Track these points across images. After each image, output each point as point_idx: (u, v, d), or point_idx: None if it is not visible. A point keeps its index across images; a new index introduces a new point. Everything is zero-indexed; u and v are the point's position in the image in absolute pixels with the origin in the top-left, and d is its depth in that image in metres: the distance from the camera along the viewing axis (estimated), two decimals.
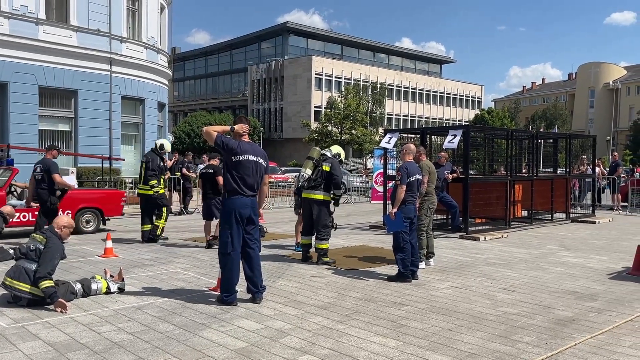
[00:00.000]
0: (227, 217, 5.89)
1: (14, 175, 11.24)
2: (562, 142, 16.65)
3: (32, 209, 10.74)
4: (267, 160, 6.20)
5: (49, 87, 20.33)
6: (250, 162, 5.95)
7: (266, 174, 6.19)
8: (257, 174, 6.00)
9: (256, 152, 6.08)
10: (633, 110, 73.01)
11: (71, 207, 11.34)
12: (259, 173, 6.03)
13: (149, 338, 4.76)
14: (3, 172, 11.69)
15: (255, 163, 5.99)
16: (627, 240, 11.04)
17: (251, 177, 5.94)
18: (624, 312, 5.74)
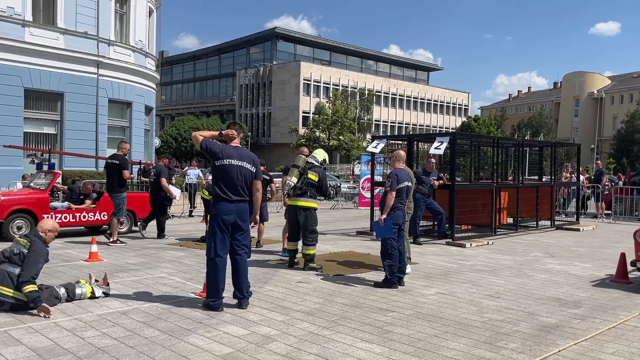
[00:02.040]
0: (212, 222, 5.89)
1: (56, 178, 12.01)
2: (547, 150, 16.83)
3: (72, 211, 11.68)
4: (256, 165, 6.06)
5: (35, 89, 20.15)
6: (233, 167, 5.87)
7: (256, 179, 6.04)
8: (242, 179, 5.91)
9: (242, 156, 5.99)
10: (617, 120, 74.02)
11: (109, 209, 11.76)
12: (244, 177, 5.93)
13: (134, 343, 4.72)
14: (46, 176, 12.50)
15: (239, 167, 5.91)
16: (610, 248, 11.17)
17: (235, 182, 5.86)
18: (607, 319, 5.81)
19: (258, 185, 6.06)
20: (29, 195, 11.39)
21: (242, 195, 5.91)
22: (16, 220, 10.89)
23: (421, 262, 9.08)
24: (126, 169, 10.75)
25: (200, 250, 9.89)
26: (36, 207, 11.08)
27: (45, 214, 10.86)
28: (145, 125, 25.41)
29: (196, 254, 9.60)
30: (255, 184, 6.03)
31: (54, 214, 11.26)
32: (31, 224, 10.86)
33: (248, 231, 6.04)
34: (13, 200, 11.03)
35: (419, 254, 9.85)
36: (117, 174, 10.58)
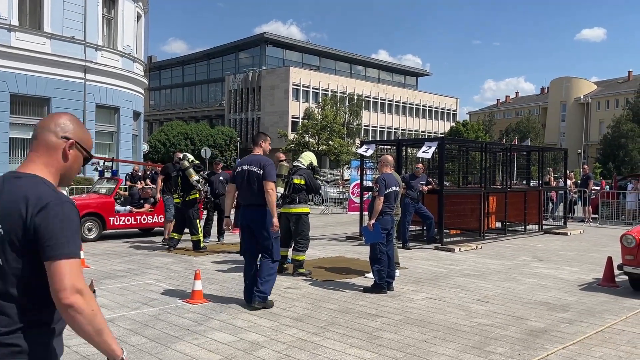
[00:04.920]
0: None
1: (119, 184, 13.23)
2: (534, 155, 16.95)
3: (133, 214, 12.59)
4: (262, 167, 6.10)
5: (21, 94, 19.96)
6: (243, 172, 6.15)
7: (264, 179, 6.06)
8: (250, 183, 6.09)
9: (251, 161, 6.21)
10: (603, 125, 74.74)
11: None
12: (251, 180, 6.08)
13: None
14: (110, 182, 13.73)
15: (247, 172, 6.12)
16: (597, 252, 11.25)
17: (244, 188, 6.13)
18: (595, 322, 5.84)
19: (267, 186, 6.05)
20: (97, 199, 12.46)
21: (252, 201, 6.11)
22: (87, 223, 11.86)
23: (410, 266, 9.09)
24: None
25: (188, 257, 9.83)
26: (103, 210, 12.19)
27: (111, 217, 12.19)
28: (133, 130, 25.26)
29: (184, 260, 9.53)
30: (265, 184, 6.05)
31: (118, 216, 12.39)
32: (99, 225, 12.05)
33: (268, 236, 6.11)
34: (84, 204, 11.99)
35: (408, 258, 9.86)
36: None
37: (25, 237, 1.75)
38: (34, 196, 1.77)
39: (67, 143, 1.91)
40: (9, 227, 1.76)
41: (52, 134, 1.90)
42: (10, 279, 1.77)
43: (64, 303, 1.72)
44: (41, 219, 1.75)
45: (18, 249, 1.76)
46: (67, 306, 1.72)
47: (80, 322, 1.74)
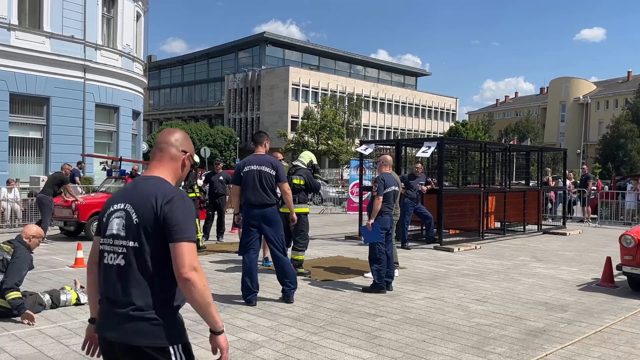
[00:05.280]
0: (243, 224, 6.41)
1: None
2: (534, 155, 16.96)
3: None
4: (276, 168, 6.26)
5: (21, 93, 19.92)
6: (253, 172, 6.20)
7: (279, 181, 6.26)
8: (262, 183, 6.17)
9: (261, 161, 6.26)
10: (602, 125, 74.80)
11: None
12: (264, 181, 6.17)
13: None
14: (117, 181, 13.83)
15: (258, 172, 6.19)
16: (596, 252, 11.26)
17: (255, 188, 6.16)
18: (594, 322, 5.85)
19: (284, 187, 6.32)
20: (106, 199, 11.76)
21: (261, 200, 6.17)
22: (96, 222, 11.27)
23: (409, 266, 9.09)
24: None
25: None
26: None
27: None
28: (133, 130, 25.23)
29: None
30: (281, 186, 6.28)
31: None
32: None
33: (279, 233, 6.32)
34: (94, 203, 12.20)
35: (407, 258, 9.86)
36: None
37: (156, 224, 2.19)
38: (161, 192, 2.23)
39: (185, 155, 2.44)
40: (143, 217, 2.21)
41: (174, 148, 2.41)
42: (145, 259, 2.18)
43: (183, 277, 2.12)
44: (168, 209, 2.19)
45: (150, 234, 2.19)
46: (185, 280, 2.13)
47: (194, 294, 2.15)
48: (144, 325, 2.16)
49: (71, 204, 11.96)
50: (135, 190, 2.30)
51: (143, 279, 2.18)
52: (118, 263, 2.22)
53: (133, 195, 2.28)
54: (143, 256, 2.19)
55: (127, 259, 2.21)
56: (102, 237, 2.31)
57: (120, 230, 2.25)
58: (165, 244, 2.18)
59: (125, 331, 2.16)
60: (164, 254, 2.18)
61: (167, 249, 2.17)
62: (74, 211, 11.93)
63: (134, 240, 2.21)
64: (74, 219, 12.07)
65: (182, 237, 2.16)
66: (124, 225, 2.24)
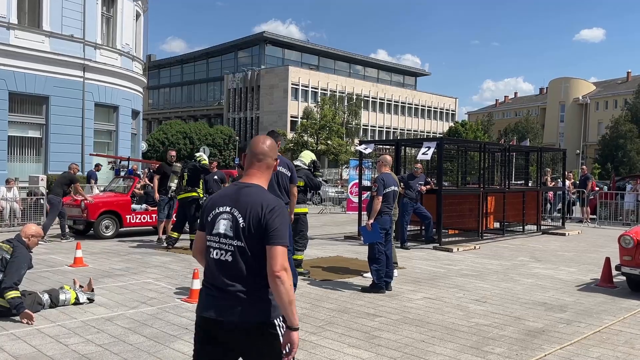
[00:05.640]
0: None
1: (135, 183, 13.27)
2: (533, 155, 16.96)
3: (149, 212, 12.64)
4: (291, 170, 6.40)
5: (20, 92, 19.89)
6: None
7: (291, 183, 6.37)
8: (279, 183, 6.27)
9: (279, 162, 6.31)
10: (602, 125, 74.87)
11: None
12: (281, 181, 6.28)
13: (119, 350, 4.67)
14: (124, 180, 14.00)
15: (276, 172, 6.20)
16: (595, 252, 11.26)
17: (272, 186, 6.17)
18: (593, 323, 5.85)
19: (293, 189, 6.46)
20: (114, 198, 12.73)
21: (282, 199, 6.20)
22: (104, 220, 12.22)
23: (408, 266, 9.09)
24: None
25: (187, 256, 9.82)
26: (121, 208, 12.48)
27: (127, 215, 12.44)
28: (132, 129, 25.21)
29: (182, 259, 9.53)
30: (291, 187, 6.41)
31: (135, 215, 12.64)
32: (116, 223, 12.39)
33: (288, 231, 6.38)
34: (102, 202, 12.36)
35: (406, 258, 9.87)
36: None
37: (259, 229, 2.55)
38: (265, 201, 2.60)
39: (276, 162, 2.81)
40: (249, 221, 2.57)
41: (270, 158, 2.76)
42: (248, 255, 2.57)
43: (274, 275, 2.47)
44: (270, 217, 2.55)
45: (254, 236, 2.56)
46: (276, 277, 2.46)
47: (281, 291, 2.47)
48: (250, 307, 2.54)
49: (80, 203, 12.10)
50: (240, 196, 2.65)
51: (246, 270, 2.57)
52: (226, 259, 2.61)
53: (238, 201, 2.64)
54: (247, 253, 2.57)
55: (234, 255, 2.59)
56: (208, 234, 2.68)
57: (227, 231, 2.61)
58: (262, 245, 2.56)
59: (233, 312, 2.54)
60: (263, 252, 2.55)
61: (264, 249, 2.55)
62: (83, 210, 12.09)
63: (240, 240, 2.58)
64: (83, 218, 12.23)
65: (278, 241, 2.53)
66: (231, 227, 2.61)
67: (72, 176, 12.07)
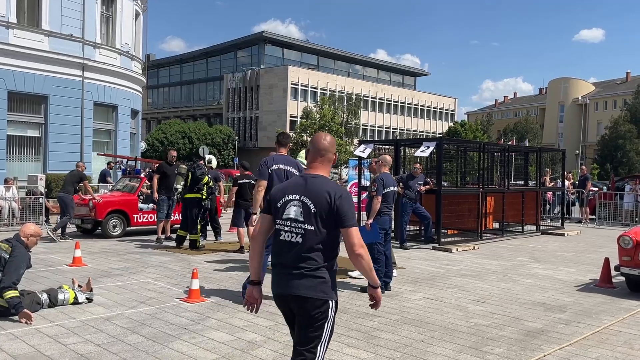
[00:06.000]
0: None
1: (142, 183, 13.20)
2: (532, 156, 16.97)
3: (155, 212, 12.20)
4: (300, 170, 6.47)
5: (19, 92, 19.88)
6: (281, 171, 6.35)
7: None
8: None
9: (287, 161, 6.49)
10: (601, 126, 74.92)
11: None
12: None
13: (117, 350, 4.66)
14: (131, 180, 14.09)
15: (286, 172, 6.37)
16: (594, 253, 11.26)
17: None
18: (592, 323, 5.85)
19: None
20: (122, 197, 12.78)
21: None
22: (112, 220, 12.27)
23: (407, 266, 9.09)
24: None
25: (186, 255, 9.82)
26: (128, 208, 12.52)
27: (135, 214, 12.48)
28: (131, 128, 25.20)
29: (181, 258, 9.52)
30: None
31: (142, 214, 12.68)
32: (124, 223, 12.42)
33: None
34: (110, 202, 12.39)
35: (405, 258, 9.86)
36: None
37: (329, 213, 2.94)
38: (332, 189, 3.00)
39: (335, 156, 3.23)
40: (319, 207, 2.95)
41: (330, 153, 3.19)
42: (318, 238, 2.95)
43: (356, 252, 2.95)
44: (339, 203, 2.95)
45: (324, 220, 2.95)
46: (357, 254, 2.96)
47: (363, 264, 2.99)
48: (314, 282, 2.94)
49: (89, 202, 12.14)
50: (308, 186, 3.03)
51: (314, 251, 2.94)
52: (297, 240, 2.96)
53: (307, 190, 3.01)
54: (315, 235, 2.95)
55: (304, 237, 2.95)
56: (278, 219, 3.03)
57: (298, 216, 2.97)
58: (330, 227, 2.95)
59: (300, 286, 2.93)
60: (328, 234, 2.96)
61: (331, 231, 2.96)
62: (92, 209, 12.12)
63: (310, 224, 2.95)
64: (91, 217, 12.25)
65: (352, 223, 2.95)
66: (302, 212, 2.97)
67: (81, 174, 12.21)
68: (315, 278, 2.95)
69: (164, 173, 11.52)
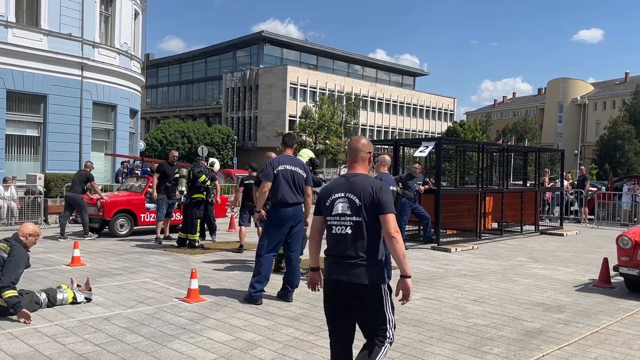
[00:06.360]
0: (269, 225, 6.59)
1: (149, 183, 12.89)
2: (531, 156, 16.99)
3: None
4: (307, 172, 6.56)
5: (18, 91, 19.85)
6: (287, 172, 6.39)
7: (306, 184, 6.54)
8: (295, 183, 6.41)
9: (293, 162, 6.51)
10: (599, 126, 74.99)
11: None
12: (297, 182, 6.42)
13: (116, 350, 4.66)
14: (138, 180, 14.16)
15: (292, 173, 6.40)
16: (593, 253, 11.27)
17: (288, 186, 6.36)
18: (590, 323, 5.85)
19: (309, 190, 6.62)
20: (129, 197, 12.85)
21: (297, 200, 6.44)
22: (120, 219, 12.37)
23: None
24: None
25: (185, 255, 9.81)
26: (135, 207, 12.57)
27: (142, 214, 12.49)
28: (130, 128, 25.18)
29: (180, 258, 9.52)
30: (307, 189, 6.57)
31: (149, 213, 12.69)
32: (131, 222, 12.51)
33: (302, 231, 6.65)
34: (117, 201, 12.45)
35: None
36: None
37: (373, 205, 3.34)
38: (373, 184, 3.41)
39: (369, 155, 3.60)
40: (364, 200, 3.35)
41: (364, 152, 3.57)
42: (365, 228, 3.34)
43: (391, 236, 3.28)
44: (380, 194, 3.35)
45: (369, 211, 3.34)
46: (392, 237, 3.27)
47: (396, 248, 3.28)
48: (364, 270, 3.30)
49: (96, 201, 12.21)
50: (350, 184, 3.44)
51: (363, 241, 3.32)
52: (347, 232, 3.36)
53: (351, 187, 3.42)
54: (363, 226, 3.33)
55: (353, 229, 3.35)
56: (328, 216, 3.45)
57: (345, 210, 3.38)
58: (374, 218, 3.33)
59: (353, 274, 3.31)
60: (374, 225, 3.33)
61: (377, 222, 3.33)
62: (99, 209, 12.20)
63: (358, 216, 3.34)
64: (99, 216, 12.33)
65: (388, 210, 3.33)
66: (348, 207, 3.37)
67: (88, 173, 12.29)
68: (365, 266, 3.31)
69: (164, 172, 11.51)
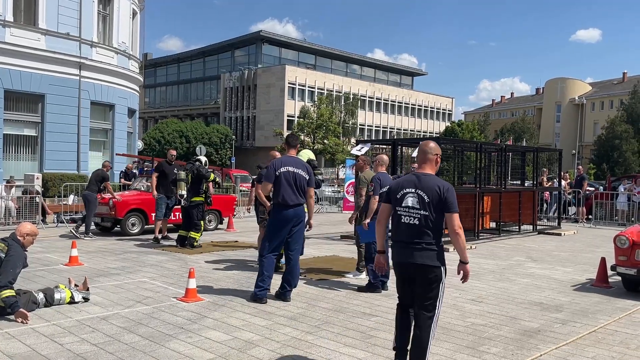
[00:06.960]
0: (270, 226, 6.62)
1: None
2: (529, 156, 17.00)
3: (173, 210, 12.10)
4: (309, 173, 6.57)
5: (15, 90, 19.84)
6: (290, 173, 6.40)
7: (309, 186, 6.56)
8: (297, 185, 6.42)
9: (296, 163, 6.52)
10: (597, 126, 75.05)
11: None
12: (299, 183, 6.43)
13: (114, 349, 4.65)
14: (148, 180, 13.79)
15: (294, 174, 6.41)
16: (590, 252, 11.29)
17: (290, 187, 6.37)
18: (588, 323, 5.86)
19: (311, 191, 6.65)
20: (140, 196, 13.00)
21: (299, 201, 6.45)
22: (131, 218, 12.51)
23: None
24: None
25: (183, 255, 9.81)
26: (146, 206, 12.60)
27: (152, 213, 12.18)
28: (128, 127, 25.17)
29: (178, 258, 9.51)
30: (309, 190, 6.60)
31: None
32: (142, 221, 12.63)
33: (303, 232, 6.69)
34: (129, 201, 12.64)
35: None
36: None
37: (439, 203, 3.90)
38: (440, 184, 3.95)
39: (436, 157, 4.12)
40: (431, 198, 3.91)
41: (431, 154, 4.10)
42: (430, 221, 3.91)
43: (456, 232, 3.90)
44: (446, 194, 3.91)
45: (435, 207, 3.90)
46: (457, 233, 3.91)
47: (460, 241, 3.93)
48: (430, 253, 3.90)
49: (108, 201, 12.31)
50: (420, 182, 3.97)
51: (428, 230, 3.90)
52: (414, 223, 3.93)
53: (421, 185, 3.95)
54: (428, 219, 3.90)
55: (420, 221, 3.92)
56: (398, 206, 3.99)
57: (414, 204, 3.93)
58: (438, 213, 3.90)
59: (420, 257, 3.89)
60: (437, 218, 3.91)
61: (439, 216, 3.91)
62: (111, 208, 12.32)
63: (425, 210, 3.91)
64: (111, 216, 12.45)
65: (454, 210, 3.91)
66: (418, 202, 3.92)
67: (104, 174, 12.41)
68: (429, 250, 3.89)
69: (162, 172, 11.52)
